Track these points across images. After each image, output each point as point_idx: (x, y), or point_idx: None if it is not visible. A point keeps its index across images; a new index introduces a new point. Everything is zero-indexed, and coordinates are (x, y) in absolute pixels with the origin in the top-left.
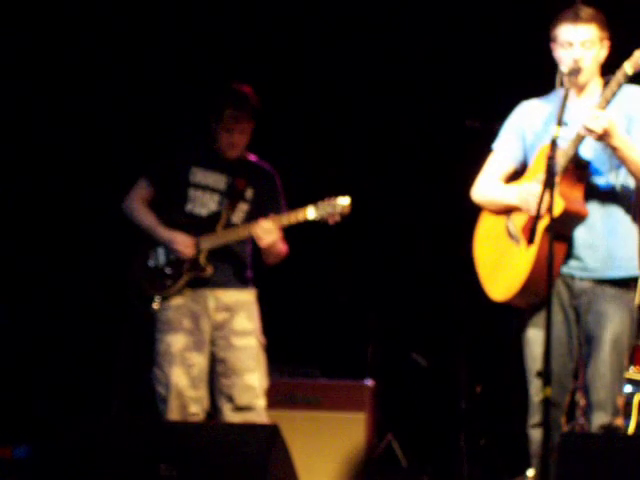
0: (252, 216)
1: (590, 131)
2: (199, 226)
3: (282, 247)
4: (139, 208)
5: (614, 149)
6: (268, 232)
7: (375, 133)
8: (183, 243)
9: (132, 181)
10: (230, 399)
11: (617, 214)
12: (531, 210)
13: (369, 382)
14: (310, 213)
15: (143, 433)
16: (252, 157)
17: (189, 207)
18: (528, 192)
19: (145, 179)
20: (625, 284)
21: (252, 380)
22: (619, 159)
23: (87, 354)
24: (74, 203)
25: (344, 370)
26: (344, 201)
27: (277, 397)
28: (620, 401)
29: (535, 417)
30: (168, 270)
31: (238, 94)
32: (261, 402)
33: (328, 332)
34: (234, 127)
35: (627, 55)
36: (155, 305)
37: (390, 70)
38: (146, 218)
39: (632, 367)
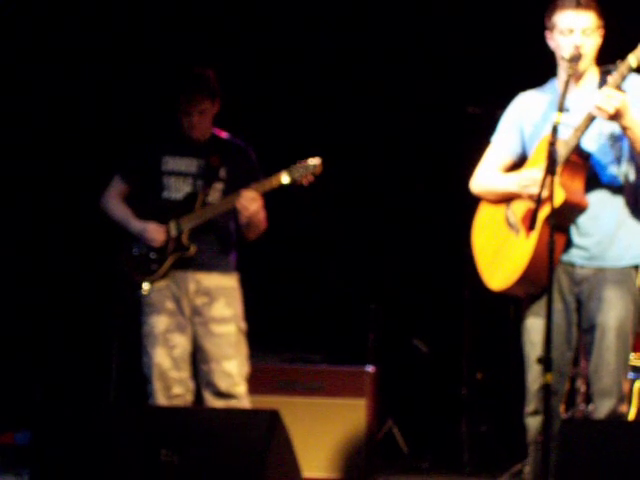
0: (228, 194)
1: (602, 110)
2: (177, 210)
3: (264, 218)
4: (113, 204)
5: (625, 128)
6: (252, 200)
7: (376, 120)
8: (152, 232)
9: (107, 175)
10: (209, 385)
11: (620, 204)
12: (531, 196)
13: (370, 368)
14: (284, 178)
15: (144, 419)
16: (223, 134)
17: (165, 194)
18: (528, 178)
19: (118, 175)
20: (628, 271)
21: (230, 367)
22: (629, 139)
23: (86, 341)
24: (53, 197)
25: (345, 356)
26: (315, 161)
27: (278, 383)
28: (625, 387)
29: (531, 405)
30: (153, 255)
31: (191, 76)
32: (241, 389)
33: (329, 318)
34: (191, 109)
35: (614, 45)
36: (144, 291)
37: (391, 56)
38: (119, 213)
39: (632, 354)
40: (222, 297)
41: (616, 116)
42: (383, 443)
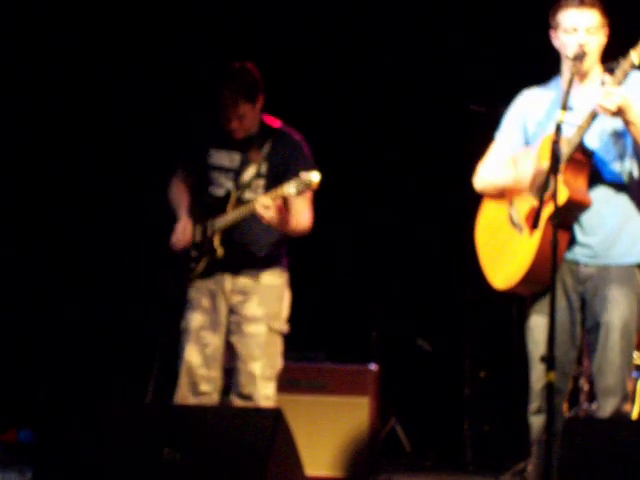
0: (271, 189)
1: (604, 108)
2: (216, 207)
3: (291, 220)
4: (171, 193)
5: (628, 124)
6: (265, 208)
7: (379, 118)
8: (178, 233)
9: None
10: (235, 385)
11: (624, 201)
12: (523, 188)
13: (373, 367)
14: (291, 189)
15: (146, 417)
16: (275, 123)
17: (211, 189)
18: (525, 171)
19: (180, 166)
20: (633, 269)
21: (254, 369)
22: (632, 135)
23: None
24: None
25: (348, 354)
26: (316, 176)
27: (281, 381)
28: (629, 386)
29: (535, 403)
30: (193, 252)
31: (225, 80)
32: (263, 391)
33: (333, 316)
34: (230, 115)
35: (619, 43)
36: (187, 286)
37: (394, 53)
38: (173, 202)
39: (636, 353)
40: (256, 296)
41: (619, 112)
42: (386, 441)
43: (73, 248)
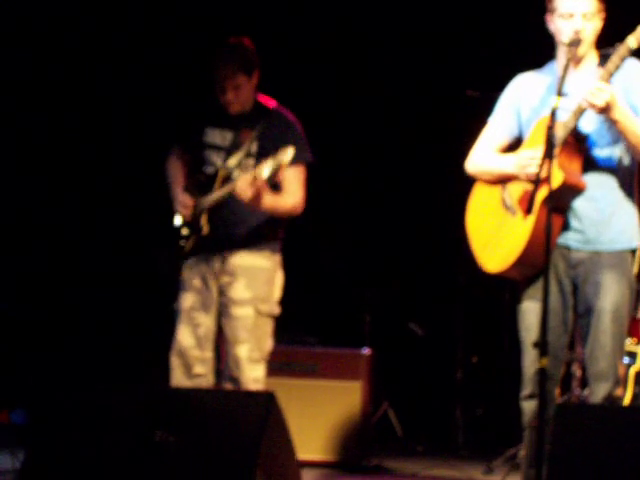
0: None
1: (592, 105)
2: (206, 186)
3: (275, 202)
4: (169, 171)
5: (614, 122)
6: (248, 186)
7: (373, 103)
8: (181, 204)
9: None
10: (225, 367)
11: (616, 186)
12: (529, 177)
13: (366, 351)
14: (263, 169)
15: (139, 399)
16: (270, 103)
17: (204, 167)
18: (526, 158)
19: (177, 145)
20: (624, 254)
21: (241, 352)
22: (619, 132)
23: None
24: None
25: (341, 338)
26: (287, 155)
27: (274, 365)
28: (621, 371)
29: (527, 389)
30: (184, 230)
31: (222, 50)
32: (250, 374)
33: (326, 300)
34: (225, 85)
35: (614, 28)
36: (180, 265)
37: (390, 39)
38: (171, 179)
39: (628, 339)
40: (243, 278)
41: (606, 109)
42: (378, 426)
43: (67, 230)
